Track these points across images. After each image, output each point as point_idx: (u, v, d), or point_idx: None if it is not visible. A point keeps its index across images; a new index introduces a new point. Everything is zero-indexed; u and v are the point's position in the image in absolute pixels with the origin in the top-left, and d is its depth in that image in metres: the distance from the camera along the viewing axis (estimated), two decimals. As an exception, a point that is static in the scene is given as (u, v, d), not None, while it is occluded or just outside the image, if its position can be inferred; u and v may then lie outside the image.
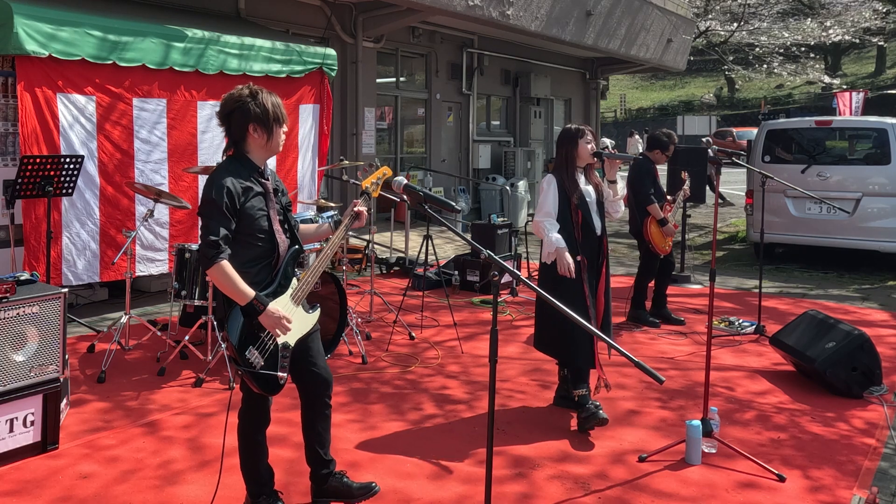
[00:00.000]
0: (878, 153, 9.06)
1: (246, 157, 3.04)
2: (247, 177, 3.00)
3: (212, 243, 2.87)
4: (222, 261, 2.88)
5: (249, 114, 2.97)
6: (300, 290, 3.10)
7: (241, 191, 2.95)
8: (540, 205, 4.44)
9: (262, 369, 2.94)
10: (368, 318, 6.63)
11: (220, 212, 2.89)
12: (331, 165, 7.74)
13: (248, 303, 2.89)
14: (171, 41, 6.64)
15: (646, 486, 3.61)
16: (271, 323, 2.93)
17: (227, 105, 3.02)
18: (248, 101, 2.98)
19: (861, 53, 45.21)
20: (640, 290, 6.68)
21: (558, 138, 4.60)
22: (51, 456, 3.84)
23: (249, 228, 2.98)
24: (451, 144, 14.32)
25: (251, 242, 3.00)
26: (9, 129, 6.17)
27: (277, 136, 3.06)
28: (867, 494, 3.46)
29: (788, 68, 24.99)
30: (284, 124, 3.09)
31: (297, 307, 3.09)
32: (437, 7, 10.42)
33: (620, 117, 46.80)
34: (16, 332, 3.70)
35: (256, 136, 3.01)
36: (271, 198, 3.07)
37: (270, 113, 2.99)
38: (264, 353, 2.96)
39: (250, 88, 3.03)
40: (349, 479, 3.38)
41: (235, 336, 2.91)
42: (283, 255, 3.08)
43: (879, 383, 4.87)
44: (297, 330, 3.07)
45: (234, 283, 2.89)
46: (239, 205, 2.93)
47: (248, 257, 2.99)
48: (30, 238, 5.82)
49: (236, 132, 3.02)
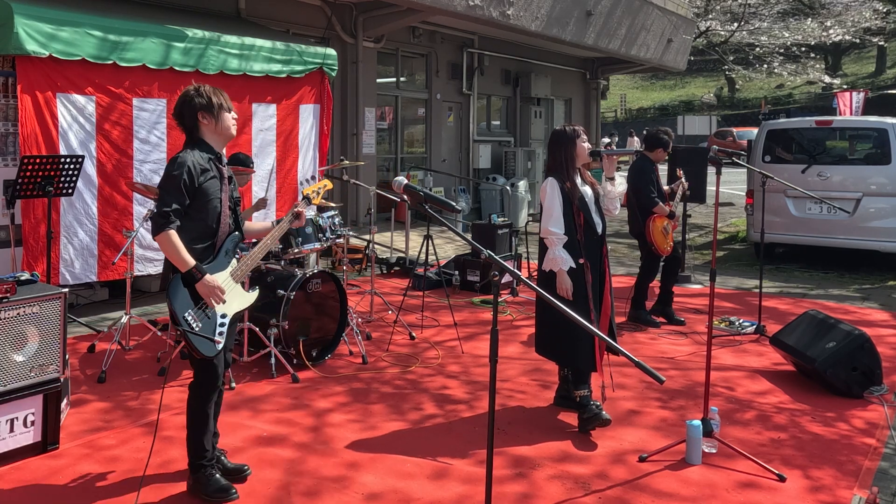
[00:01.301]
0: (879, 153, 9.06)
1: (203, 142, 3.40)
2: (206, 160, 3.36)
3: (163, 213, 3.20)
4: (169, 230, 3.19)
5: (195, 105, 3.36)
6: (239, 270, 3.45)
7: (200, 171, 3.29)
8: (548, 211, 4.35)
9: (200, 332, 3.26)
10: (369, 318, 6.63)
11: (176, 187, 3.22)
12: (331, 165, 7.74)
13: (187, 270, 3.22)
14: (171, 41, 6.64)
15: (646, 486, 3.61)
16: (206, 291, 3.26)
17: (177, 105, 3.42)
18: (193, 95, 3.37)
19: (861, 53, 45.20)
20: (641, 290, 6.67)
21: (553, 140, 4.52)
22: (51, 456, 3.84)
23: (202, 206, 3.31)
24: (451, 144, 14.32)
25: (201, 219, 3.33)
26: (9, 129, 6.17)
27: (226, 121, 3.42)
28: (867, 494, 3.46)
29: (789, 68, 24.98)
30: (230, 110, 3.45)
31: (235, 285, 3.44)
32: (438, 7, 10.42)
33: (621, 117, 46.80)
34: (16, 332, 3.70)
35: (206, 122, 3.38)
36: (226, 184, 3.43)
37: (214, 101, 3.37)
38: (202, 318, 3.29)
39: (194, 86, 3.42)
40: (226, 459, 3.62)
41: (176, 300, 3.25)
42: (223, 237, 3.42)
43: (880, 383, 4.86)
44: (234, 303, 3.43)
45: (179, 251, 3.21)
46: (197, 183, 3.27)
47: (195, 234, 3.32)
48: (28, 238, 5.82)
49: (189, 123, 3.39)
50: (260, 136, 7.54)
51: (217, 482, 3.40)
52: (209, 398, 3.42)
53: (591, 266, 4.36)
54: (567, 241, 4.31)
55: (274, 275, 5.40)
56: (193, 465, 3.42)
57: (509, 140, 15.84)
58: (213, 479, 3.40)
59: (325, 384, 4.99)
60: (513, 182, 13.52)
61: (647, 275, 6.68)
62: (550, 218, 4.33)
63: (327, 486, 3.56)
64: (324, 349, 5.47)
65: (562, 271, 4.28)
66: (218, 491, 3.38)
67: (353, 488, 3.54)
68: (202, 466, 3.40)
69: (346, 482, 3.60)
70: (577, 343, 4.30)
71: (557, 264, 4.28)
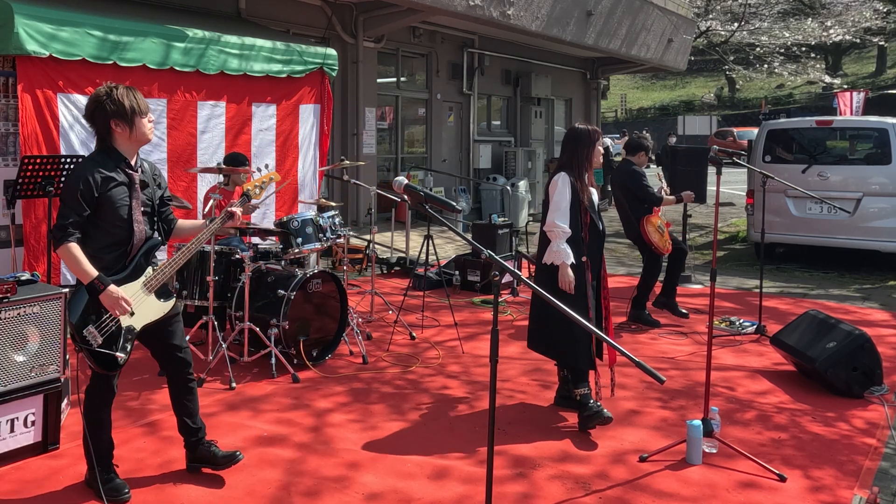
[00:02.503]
0: (879, 153, 9.06)
1: (113, 148, 3.27)
2: (112, 167, 3.24)
3: (60, 226, 3.14)
4: (68, 243, 3.12)
5: (107, 111, 3.21)
6: (154, 279, 3.33)
7: (101, 181, 3.18)
8: (556, 204, 4.34)
9: (100, 348, 3.18)
10: (369, 318, 6.63)
11: (74, 198, 3.14)
12: (331, 165, 7.74)
13: (89, 282, 3.14)
14: (171, 41, 6.64)
15: (646, 486, 3.61)
16: (110, 303, 3.16)
17: (88, 106, 3.27)
18: (105, 100, 3.21)
19: (862, 53, 45.18)
20: (644, 291, 6.68)
21: (572, 138, 4.48)
22: (51, 456, 3.84)
23: (108, 216, 3.21)
24: (451, 144, 14.32)
25: (108, 229, 3.23)
26: (9, 129, 6.17)
27: (141, 127, 3.27)
28: (868, 494, 3.46)
29: (789, 68, 24.98)
30: (145, 114, 3.29)
31: (149, 294, 3.33)
32: (438, 7, 10.42)
33: (621, 117, 46.78)
34: (16, 333, 3.70)
35: (119, 130, 3.24)
36: (136, 189, 3.29)
37: (127, 107, 3.21)
38: (104, 332, 3.19)
39: (107, 87, 3.26)
40: (217, 448, 3.61)
41: (76, 315, 3.17)
42: (139, 245, 3.31)
43: (880, 383, 4.86)
44: (145, 315, 3.32)
45: (79, 262, 3.13)
46: (97, 193, 3.17)
47: (104, 243, 3.24)
48: (29, 238, 5.82)
49: (101, 128, 3.26)
50: (259, 137, 7.54)
51: (111, 481, 3.38)
52: (105, 404, 3.38)
53: (592, 266, 4.38)
54: (571, 237, 4.31)
55: (274, 275, 5.40)
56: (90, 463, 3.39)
57: (510, 140, 15.84)
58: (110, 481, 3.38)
59: (325, 384, 4.99)
60: (513, 182, 13.52)
61: (650, 276, 6.69)
62: (558, 211, 4.33)
63: (328, 486, 3.56)
64: (324, 349, 5.47)
65: (564, 265, 4.29)
66: (111, 490, 3.35)
67: (353, 488, 3.54)
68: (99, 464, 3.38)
69: (346, 482, 3.60)
70: (575, 342, 4.31)
71: (560, 257, 4.29)
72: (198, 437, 3.61)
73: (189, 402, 3.57)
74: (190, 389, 3.57)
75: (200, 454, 3.60)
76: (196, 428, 3.60)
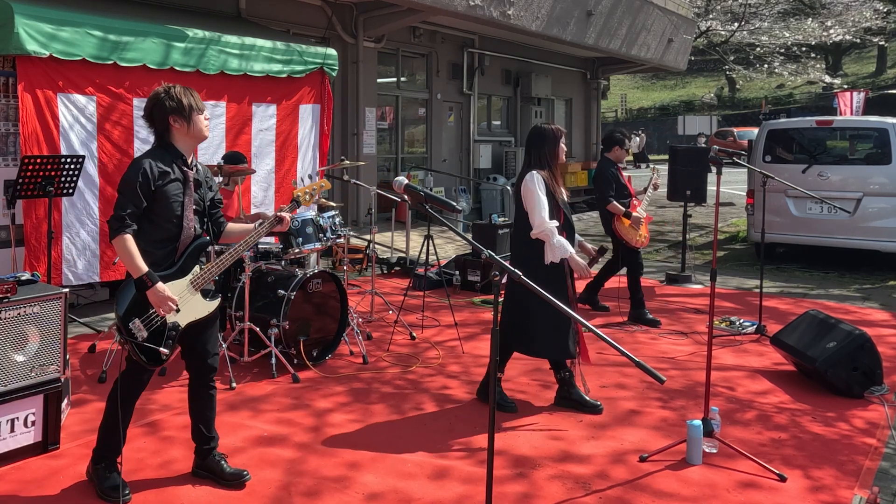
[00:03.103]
0: (879, 153, 9.06)
1: (171, 144, 3.35)
2: (169, 163, 3.30)
3: (118, 217, 3.18)
4: (125, 234, 3.16)
5: (166, 108, 3.30)
6: (201, 278, 3.37)
7: (158, 174, 3.24)
8: (538, 206, 4.36)
9: (145, 342, 3.22)
10: (369, 318, 6.63)
11: (132, 190, 3.19)
12: (331, 165, 7.74)
13: (139, 277, 3.17)
14: (171, 41, 6.64)
15: (647, 486, 3.61)
16: (156, 300, 3.20)
17: (147, 105, 3.37)
18: (164, 97, 3.31)
19: (862, 53, 45.18)
20: (636, 289, 6.67)
21: (537, 137, 4.54)
22: (52, 456, 3.84)
23: (161, 210, 3.26)
24: (451, 144, 14.32)
25: (161, 224, 3.28)
26: (9, 129, 6.17)
27: (198, 123, 3.36)
28: (868, 494, 3.46)
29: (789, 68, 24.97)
30: (202, 112, 3.38)
31: (195, 293, 3.37)
32: (438, 7, 10.42)
33: (621, 117, 46.78)
34: (17, 333, 3.70)
35: (177, 126, 3.33)
36: (190, 186, 3.35)
37: (185, 104, 3.31)
38: (150, 326, 3.24)
39: (165, 86, 3.36)
40: (226, 464, 3.58)
41: (123, 307, 3.22)
42: (187, 242, 3.35)
43: (880, 383, 4.86)
44: (189, 313, 3.35)
45: (132, 256, 3.17)
46: (154, 187, 3.22)
47: (155, 237, 3.28)
48: (30, 238, 5.83)
49: (159, 126, 3.35)
50: (259, 137, 7.54)
51: (113, 480, 3.37)
52: (135, 395, 3.41)
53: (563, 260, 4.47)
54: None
55: (274, 275, 5.40)
56: (97, 455, 3.42)
57: (510, 140, 15.85)
58: (110, 478, 3.39)
59: (325, 384, 4.99)
60: (513, 182, 13.52)
61: (634, 271, 6.71)
62: (542, 209, 4.35)
63: (328, 486, 3.56)
64: (324, 349, 5.47)
65: (572, 257, 4.39)
66: (111, 489, 3.35)
67: (353, 488, 3.54)
68: (103, 459, 3.41)
69: (346, 482, 3.60)
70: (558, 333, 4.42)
71: (563, 251, 4.34)
72: (210, 447, 3.58)
73: (207, 410, 3.56)
74: (210, 396, 3.56)
75: (209, 465, 3.57)
76: (210, 437, 3.58)
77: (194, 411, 3.56)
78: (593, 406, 4.54)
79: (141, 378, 3.39)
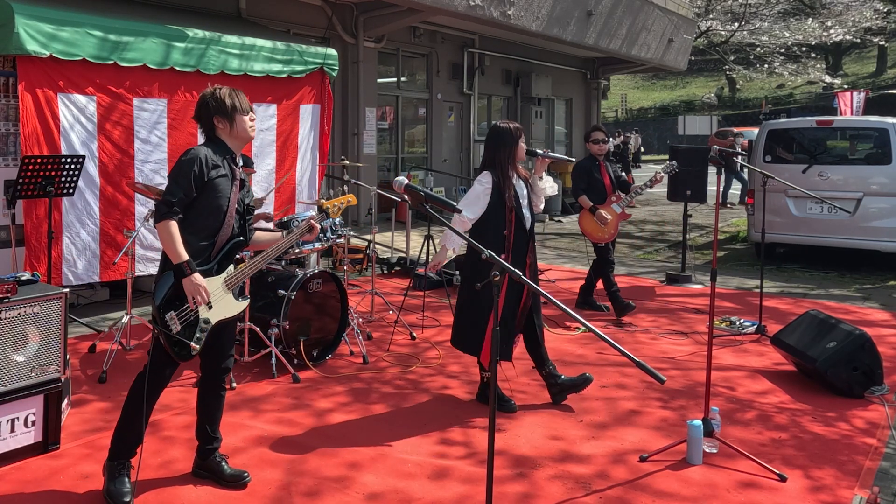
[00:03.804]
0: (879, 153, 9.06)
1: (220, 140, 3.42)
2: (221, 157, 3.36)
3: (167, 202, 3.20)
4: (171, 220, 3.19)
5: (210, 108, 3.38)
6: (235, 278, 3.41)
7: (212, 165, 3.29)
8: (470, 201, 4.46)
9: (178, 335, 3.23)
10: (369, 318, 6.63)
11: (186, 176, 3.22)
12: (332, 164, 7.75)
13: (178, 263, 3.18)
14: (171, 41, 6.64)
15: (647, 486, 3.61)
16: (191, 289, 3.21)
17: (196, 108, 3.45)
18: (209, 99, 3.40)
19: (862, 53, 45.18)
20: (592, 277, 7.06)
21: (495, 137, 4.56)
22: (52, 456, 3.84)
23: (208, 203, 3.29)
24: (452, 144, 14.33)
25: (205, 216, 3.30)
26: (10, 129, 6.17)
27: (241, 123, 3.41)
28: (868, 494, 3.46)
29: (789, 68, 24.98)
30: (247, 113, 3.44)
31: (227, 292, 3.40)
32: (439, 7, 10.42)
33: (622, 117, 46.79)
34: (17, 333, 3.70)
35: (221, 126, 3.40)
36: (237, 184, 3.40)
37: (227, 104, 3.37)
38: (183, 320, 3.25)
39: (212, 88, 3.45)
40: (227, 465, 3.59)
41: (160, 297, 3.23)
42: (224, 240, 3.37)
43: (880, 383, 4.86)
44: (221, 310, 3.38)
45: (175, 242, 3.18)
46: (207, 177, 3.26)
47: (197, 228, 3.29)
48: (31, 238, 5.83)
49: (206, 125, 3.43)
50: (260, 137, 7.54)
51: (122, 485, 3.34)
52: (156, 392, 3.39)
53: (515, 260, 4.49)
54: (495, 235, 4.42)
55: (275, 275, 5.40)
56: (113, 452, 3.40)
57: (510, 140, 15.82)
58: (119, 479, 3.36)
59: (325, 384, 4.99)
60: (513, 182, 13.51)
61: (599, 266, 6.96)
62: (467, 204, 4.45)
63: (328, 486, 3.56)
64: (324, 349, 5.47)
65: (444, 248, 4.53)
66: (115, 493, 3.32)
67: (353, 488, 3.54)
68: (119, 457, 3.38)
69: (346, 482, 3.60)
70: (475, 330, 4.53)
71: (445, 240, 4.46)
72: (213, 447, 3.58)
73: (215, 411, 3.57)
74: (219, 397, 3.57)
75: (209, 465, 3.58)
76: (213, 437, 3.58)
77: (202, 410, 3.56)
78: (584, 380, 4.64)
79: (164, 373, 3.38)
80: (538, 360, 4.71)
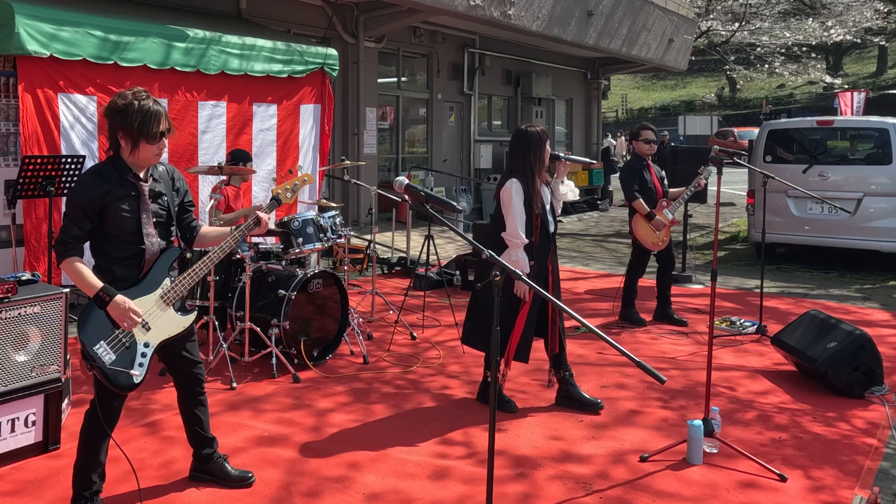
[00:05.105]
0: (880, 153, 9.06)
1: (122, 159, 3.10)
2: (118, 180, 3.05)
3: (62, 241, 2.99)
4: (69, 258, 2.97)
5: (116, 121, 3.05)
6: (172, 292, 3.15)
7: (104, 193, 3.00)
8: (512, 217, 4.32)
9: (112, 365, 2.97)
10: (370, 318, 6.63)
11: (76, 212, 2.99)
12: (332, 165, 7.75)
13: (95, 294, 2.95)
14: (172, 41, 6.64)
15: (647, 486, 3.61)
16: (118, 314, 2.97)
17: (105, 111, 3.11)
18: (119, 109, 3.03)
19: (862, 53, 45.18)
20: (630, 288, 6.61)
21: (521, 141, 4.46)
22: (52, 456, 3.84)
23: (115, 229, 3.04)
24: (452, 144, 14.33)
25: (118, 243, 3.06)
26: (10, 129, 6.18)
27: (145, 152, 3.07)
28: (869, 494, 3.46)
29: (790, 68, 24.97)
30: (156, 141, 3.07)
31: (166, 308, 3.15)
32: (439, 7, 10.42)
33: (622, 117, 46.80)
34: (17, 333, 3.70)
35: (124, 145, 3.08)
36: (145, 200, 3.10)
37: (135, 127, 3.02)
38: (117, 348, 3.00)
39: (133, 97, 3.05)
40: (230, 466, 3.53)
41: (85, 332, 2.97)
42: (153, 258, 3.13)
43: (881, 383, 4.86)
44: (162, 330, 3.14)
45: (82, 276, 2.96)
46: (101, 205, 3.00)
47: (115, 255, 3.07)
48: (31, 238, 5.83)
49: (111, 137, 3.11)
50: (260, 137, 7.54)
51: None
52: (103, 434, 3.13)
53: (539, 267, 4.45)
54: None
55: (275, 275, 5.40)
56: (77, 493, 3.17)
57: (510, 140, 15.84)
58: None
59: (326, 384, 4.99)
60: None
61: (635, 271, 6.62)
62: (517, 219, 4.33)
63: (328, 486, 3.56)
64: (325, 349, 5.47)
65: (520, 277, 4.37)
66: None
67: (354, 488, 3.54)
68: (80, 499, 3.16)
69: (347, 482, 3.60)
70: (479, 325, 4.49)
71: (518, 267, 4.30)
72: (212, 448, 3.53)
73: (201, 413, 3.47)
74: (201, 403, 3.47)
75: (211, 468, 3.52)
76: (209, 438, 3.52)
77: (188, 417, 3.47)
78: (593, 404, 4.54)
79: (112, 405, 3.12)
80: (556, 362, 4.68)
